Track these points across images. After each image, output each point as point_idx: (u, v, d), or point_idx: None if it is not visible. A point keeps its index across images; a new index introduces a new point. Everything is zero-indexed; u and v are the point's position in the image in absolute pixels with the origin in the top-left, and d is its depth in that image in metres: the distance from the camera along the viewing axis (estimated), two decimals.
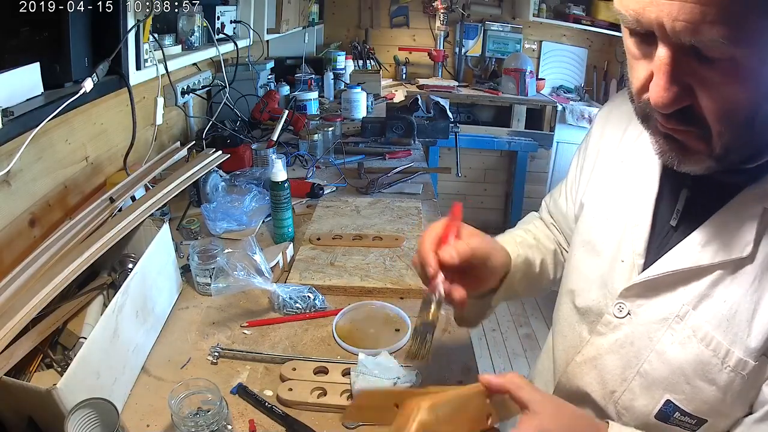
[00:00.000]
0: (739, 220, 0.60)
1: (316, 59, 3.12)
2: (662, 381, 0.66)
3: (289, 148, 1.95)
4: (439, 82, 3.65)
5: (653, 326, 0.67)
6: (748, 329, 0.59)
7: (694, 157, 0.57)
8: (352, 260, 1.21)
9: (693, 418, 0.65)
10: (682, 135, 0.55)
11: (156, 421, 0.79)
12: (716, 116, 0.52)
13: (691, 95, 0.51)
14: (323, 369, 0.89)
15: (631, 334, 0.69)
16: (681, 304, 0.64)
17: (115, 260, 1.01)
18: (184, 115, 1.92)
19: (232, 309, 1.07)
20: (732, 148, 0.54)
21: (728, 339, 0.61)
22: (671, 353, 0.65)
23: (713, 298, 0.62)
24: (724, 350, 0.61)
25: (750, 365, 0.60)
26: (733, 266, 0.61)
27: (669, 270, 0.65)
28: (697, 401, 0.64)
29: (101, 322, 0.77)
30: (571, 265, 0.81)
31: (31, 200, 1.08)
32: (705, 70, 0.50)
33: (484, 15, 3.73)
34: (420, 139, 2.17)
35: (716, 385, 0.62)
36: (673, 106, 0.52)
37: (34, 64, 1.00)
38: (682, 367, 0.64)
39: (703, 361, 0.62)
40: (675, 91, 0.51)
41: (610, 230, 0.74)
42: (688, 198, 0.66)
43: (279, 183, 1.25)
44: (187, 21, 1.62)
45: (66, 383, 0.66)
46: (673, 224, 0.67)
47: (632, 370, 0.69)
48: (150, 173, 1.20)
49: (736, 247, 0.60)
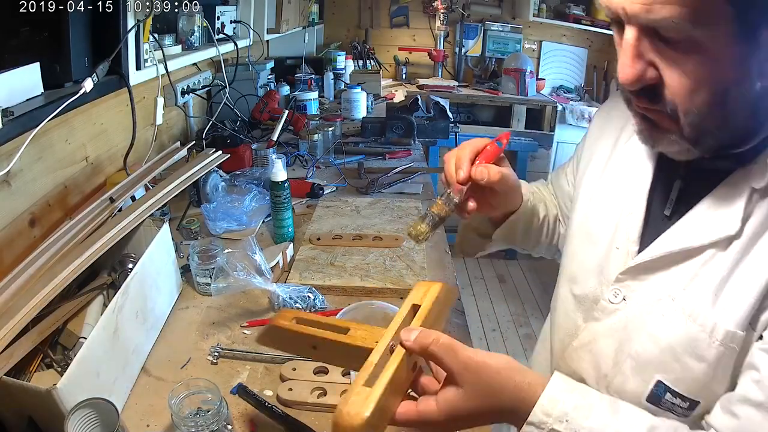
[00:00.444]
0: (727, 202, 0.62)
1: (316, 59, 3.12)
2: (652, 361, 0.66)
3: (289, 148, 1.95)
4: (439, 82, 3.65)
5: (646, 309, 0.68)
6: (735, 301, 0.60)
7: (666, 137, 0.60)
8: (352, 260, 1.21)
9: (685, 400, 0.65)
10: (653, 114, 0.59)
11: (156, 421, 0.79)
12: (680, 95, 0.55)
13: (656, 74, 0.55)
14: (323, 369, 0.89)
15: (626, 318, 0.70)
16: (673, 285, 0.65)
17: (115, 260, 1.01)
18: (184, 115, 1.92)
19: (232, 309, 1.07)
20: (703, 130, 0.57)
21: (715, 313, 0.61)
22: (661, 333, 0.65)
23: (702, 276, 0.63)
24: (711, 324, 0.61)
25: (738, 336, 0.60)
26: (723, 245, 0.62)
27: (661, 253, 0.66)
28: (688, 380, 0.64)
29: (101, 322, 0.78)
30: (568, 253, 0.82)
31: (31, 200, 1.08)
32: (668, 50, 0.53)
33: (484, 15, 3.73)
34: (420, 139, 2.17)
35: (706, 361, 0.62)
36: (637, 83, 0.55)
37: (34, 64, 1.00)
38: (672, 345, 0.64)
39: (691, 337, 0.63)
40: (638, 68, 0.55)
41: (605, 219, 0.75)
42: (682, 188, 0.68)
43: (279, 183, 1.25)
44: (187, 21, 1.62)
45: (66, 383, 0.66)
46: (666, 213, 0.69)
47: (624, 354, 0.69)
48: (150, 173, 1.20)
49: (724, 227, 0.61)
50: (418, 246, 1.26)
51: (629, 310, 0.70)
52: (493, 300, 3.10)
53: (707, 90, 0.54)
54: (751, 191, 0.61)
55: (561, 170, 0.98)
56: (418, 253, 1.24)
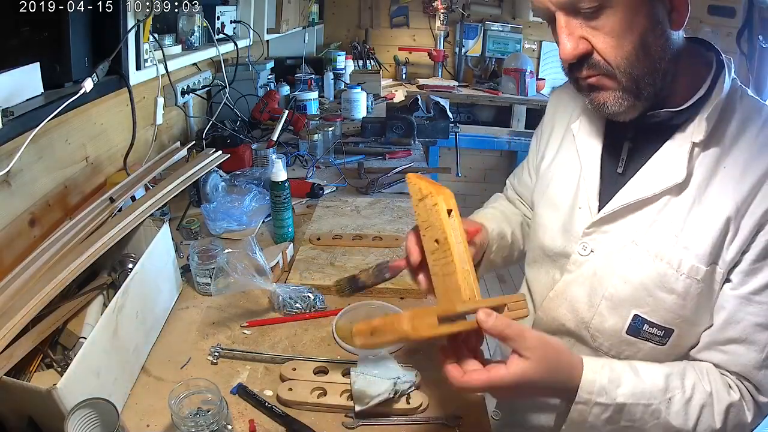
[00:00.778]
0: (673, 155, 0.73)
1: (316, 59, 3.12)
2: (627, 299, 0.76)
3: (289, 148, 1.95)
4: (439, 82, 3.65)
5: (613, 255, 0.77)
6: (695, 240, 0.70)
7: (612, 96, 0.70)
8: (352, 260, 1.21)
9: (661, 329, 0.75)
10: (595, 79, 0.70)
11: (156, 421, 0.79)
12: (608, 52, 0.66)
13: (587, 44, 0.67)
14: (323, 369, 0.89)
15: (594, 266, 0.79)
16: (635, 232, 0.75)
17: (115, 260, 1.01)
18: (184, 115, 1.92)
19: (232, 309, 1.07)
20: (637, 78, 0.67)
21: (679, 251, 0.71)
22: (632, 274, 0.75)
23: (660, 221, 0.73)
24: (677, 261, 0.71)
25: (702, 270, 0.70)
26: (675, 192, 0.72)
27: (620, 205, 0.76)
28: (661, 311, 0.74)
29: (101, 322, 0.78)
30: (536, 222, 0.91)
31: (31, 200, 1.08)
32: (590, 21, 0.65)
33: (484, 15, 3.73)
34: (420, 139, 2.17)
35: (675, 293, 0.72)
36: (574, 56, 0.67)
37: (34, 64, 1.00)
38: (644, 282, 0.74)
39: (660, 273, 0.72)
40: (572, 43, 0.67)
41: (564, 185, 0.85)
42: (630, 148, 0.79)
43: (279, 183, 1.25)
44: (187, 21, 1.62)
45: (66, 383, 0.66)
46: (619, 171, 0.80)
47: (597, 297, 0.78)
48: (150, 173, 1.20)
49: (672, 176, 0.72)
50: None
51: (597, 258, 0.79)
52: None
53: (628, 41, 0.65)
54: (692, 145, 0.71)
55: (521, 169, 1.08)
56: None
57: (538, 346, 0.61)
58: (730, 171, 0.70)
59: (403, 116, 2.12)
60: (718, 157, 0.71)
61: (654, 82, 0.69)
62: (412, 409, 0.82)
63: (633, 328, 0.76)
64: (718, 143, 0.71)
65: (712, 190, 0.71)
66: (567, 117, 0.89)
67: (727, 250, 0.70)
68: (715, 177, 0.71)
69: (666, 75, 0.69)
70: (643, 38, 0.65)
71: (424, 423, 0.81)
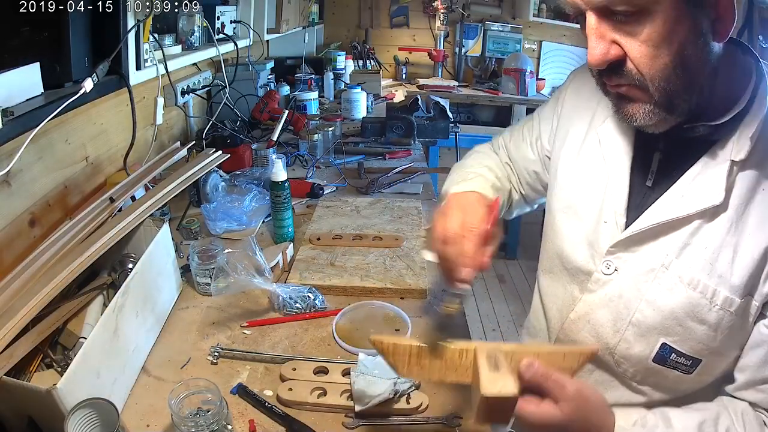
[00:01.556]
0: (709, 174, 0.66)
1: (316, 59, 3.12)
2: (656, 327, 0.71)
3: (289, 148, 1.95)
4: (439, 82, 3.65)
5: (640, 278, 0.72)
6: (731, 269, 0.65)
7: (641, 109, 0.64)
8: (352, 260, 1.21)
9: (688, 358, 0.70)
10: (625, 89, 0.63)
11: (156, 421, 0.79)
12: (643, 62, 0.60)
13: (619, 50, 0.60)
14: (323, 369, 0.89)
15: (620, 288, 0.74)
16: (665, 255, 0.69)
17: (115, 260, 1.01)
18: (184, 115, 1.92)
19: (232, 309, 1.07)
20: (671, 93, 0.61)
21: (713, 280, 0.66)
22: (661, 300, 0.70)
23: (694, 245, 0.68)
24: (711, 291, 0.66)
25: (736, 302, 0.65)
26: (710, 215, 0.66)
27: (650, 224, 0.70)
28: (691, 341, 0.69)
29: (101, 322, 0.77)
30: (554, 229, 0.85)
31: (31, 200, 1.08)
32: (625, 25, 0.59)
33: (484, 15, 3.73)
34: (420, 139, 2.17)
35: (707, 324, 0.67)
36: (604, 62, 0.61)
37: (34, 64, 1.00)
38: (674, 311, 0.69)
39: (693, 303, 0.68)
40: (603, 48, 0.60)
41: (589, 195, 0.79)
42: (661, 160, 0.73)
43: (279, 183, 1.25)
44: (187, 21, 1.62)
45: (66, 383, 0.66)
46: (649, 185, 0.74)
47: (624, 322, 0.73)
48: (150, 173, 1.20)
49: (709, 197, 0.66)
50: (418, 246, 1.26)
51: (622, 280, 0.74)
52: (493, 300, 3.10)
53: (666, 53, 0.59)
54: (731, 163, 0.65)
55: (519, 138, 0.98)
56: (418, 254, 1.24)
57: (574, 399, 0.59)
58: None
59: (403, 116, 2.12)
60: (758, 179, 0.65)
61: (690, 98, 0.62)
62: (412, 409, 0.82)
63: (660, 357, 0.72)
64: (759, 163, 0.65)
65: (751, 214, 0.65)
66: (590, 112, 0.82)
67: (765, 283, 0.65)
68: (753, 200, 0.65)
69: (704, 89, 0.63)
70: (682, 51, 0.59)
71: (424, 423, 0.81)
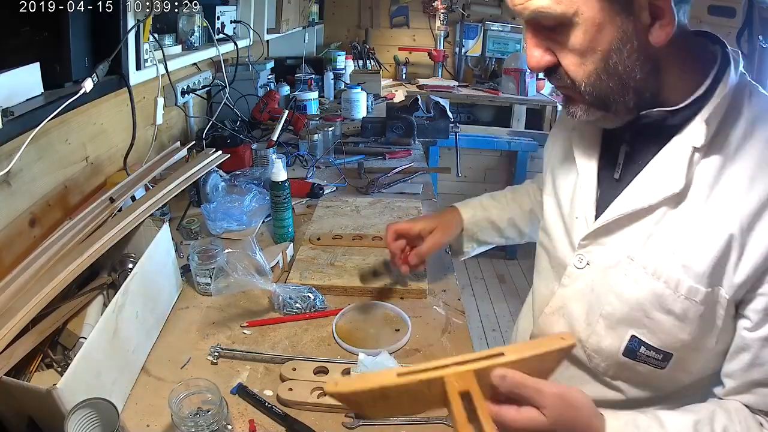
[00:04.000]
0: (671, 162, 0.67)
1: (316, 59, 3.11)
2: (624, 319, 0.71)
3: (289, 148, 1.95)
4: (439, 82, 3.65)
5: (610, 270, 0.72)
6: (695, 258, 0.65)
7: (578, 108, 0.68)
8: (352, 260, 1.21)
9: (659, 352, 0.70)
10: (564, 90, 0.69)
11: (156, 421, 0.79)
12: (571, 69, 0.65)
13: (553, 56, 0.66)
14: (323, 369, 0.89)
15: (591, 281, 0.75)
16: (630, 246, 0.70)
17: (115, 260, 1.01)
18: (184, 115, 1.92)
19: (232, 309, 1.07)
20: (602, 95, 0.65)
21: (676, 270, 0.66)
22: (628, 292, 0.70)
23: (657, 235, 0.68)
24: (674, 281, 0.66)
25: (702, 292, 0.65)
26: (673, 203, 0.67)
27: (615, 216, 0.71)
28: (659, 333, 0.69)
29: (101, 322, 0.77)
30: (544, 224, 0.89)
31: (31, 200, 1.08)
32: (554, 35, 0.64)
33: (484, 15, 3.73)
34: (420, 139, 2.17)
35: (673, 314, 0.67)
36: (540, 66, 0.66)
37: (34, 64, 1.00)
38: (640, 302, 0.69)
39: (657, 293, 0.68)
40: (537, 55, 0.66)
41: (567, 191, 0.82)
42: (627, 153, 0.74)
43: (279, 183, 1.25)
44: (187, 21, 1.62)
45: (66, 383, 0.66)
46: (616, 177, 0.75)
47: (595, 314, 0.74)
48: (150, 173, 1.20)
49: (669, 185, 0.66)
50: None
51: (594, 273, 0.75)
52: (493, 300, 3.10)
53: (591, 60, 0.63)
54: (693, 150, 0.65)
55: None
56: None
57: (556, 404, 0.56)
58: (735, 181, 0.63)
59: (403, 116, 2.12)
60: (721, 165, 0.64)
61: (625, 97, 0.65)
62: None
63: (629, 350, 0.72)
64: (722, 149, 0.65)
65: (713, 202, 0.64)
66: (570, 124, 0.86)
67: (735, 273, 0.63)
68: (716, 187, 0.64)
69: (647, 85, 0.65)
70: (608, 58, 0.62)
71: (424, 423, 0.81)
